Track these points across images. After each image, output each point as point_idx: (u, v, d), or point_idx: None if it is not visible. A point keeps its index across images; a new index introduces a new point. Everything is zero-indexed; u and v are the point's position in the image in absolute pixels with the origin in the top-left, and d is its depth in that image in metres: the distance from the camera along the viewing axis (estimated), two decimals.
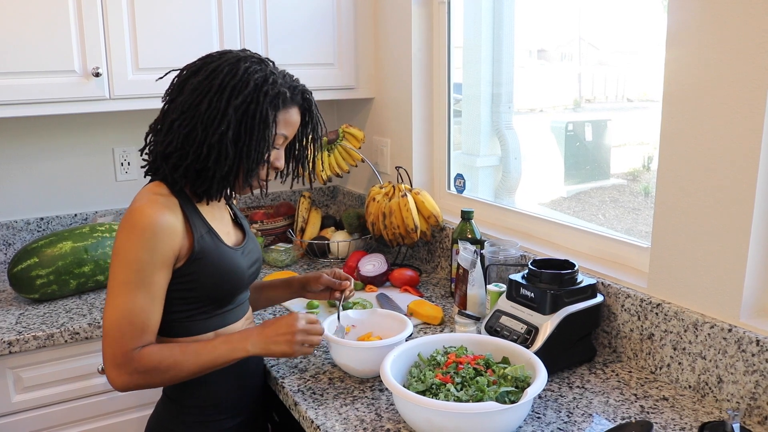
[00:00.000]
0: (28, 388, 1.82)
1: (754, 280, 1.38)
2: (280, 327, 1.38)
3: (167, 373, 1.30)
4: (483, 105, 2.42)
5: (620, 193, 2.08)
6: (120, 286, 1.27)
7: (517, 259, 1.85)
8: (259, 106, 1.32)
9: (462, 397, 1.26)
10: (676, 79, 1.44)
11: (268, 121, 1.33)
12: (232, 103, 1.30)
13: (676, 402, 1.43)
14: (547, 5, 2.24)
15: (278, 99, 1.34)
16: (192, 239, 1.34)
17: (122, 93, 2.10)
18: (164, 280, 1.31)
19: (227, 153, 1.31)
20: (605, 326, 1.67)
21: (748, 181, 1.32)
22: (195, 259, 1.34)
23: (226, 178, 1.35)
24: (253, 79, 1.32)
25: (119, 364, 1.27)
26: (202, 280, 1.36)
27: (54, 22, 1.98)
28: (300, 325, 1.38)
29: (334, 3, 2.44)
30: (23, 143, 2.36)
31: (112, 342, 1.28)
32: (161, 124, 1.36)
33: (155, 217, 1.28)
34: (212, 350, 1.33)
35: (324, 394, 1.48)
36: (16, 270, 1.93)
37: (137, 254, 1.26)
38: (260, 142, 1.33)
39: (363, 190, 2.78)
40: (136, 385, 1.30)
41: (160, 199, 1.32)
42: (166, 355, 1.29)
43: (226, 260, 1.40)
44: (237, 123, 1.31)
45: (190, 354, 1.31)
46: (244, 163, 1.33)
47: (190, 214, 1.36)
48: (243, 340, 1.36)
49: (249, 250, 1.51)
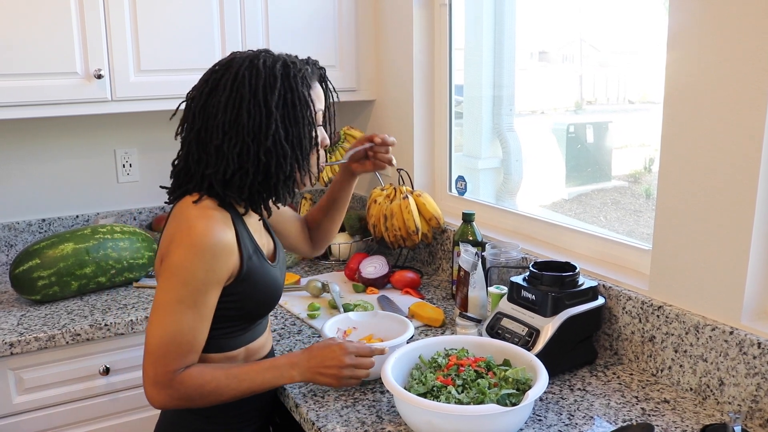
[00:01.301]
0: (29, 389, 1.83)
1: (755, 282, 1.38)
2: (326, 359, 1.35)
3: (208, 397, 1.28)
4: (484, 107, 2.42)
5: (621, 195, 2.07)
6: (172, 304, 1.23)
7: (518, 262, 1.85)
8: (296, 92, 1.28)
9: (463, 399, 1.26)
10: (676, 81, 1.44)
11: (308, 102, 1.30)
12: (271, 102, 1.26)
13: (678, 405, 1.43)
14: (548, 7, 2.24)
15: (306, 78, 1.32)
16: (242, 259, 1.30)
17: (124, 95, 2.10)
18: (215, 300, 1.27)
19: (285, 151, 1.27)
20: (606, 329, 1.67)
21: (749, 183, 1.32)
22: (242, 280, 1.31)
23: (290, 177, 1.31)
24: (277, 71, 1.28)
25: (161, 383, 1.24)
26: (247, 300, 1.34)
27: (56, 24, 1.98)
28: (348, 360, 1.35)
29: (336, 5, 2.44)
30: (25, 145, 2.36)
31: (155, 360, 1.24)
32: (200, 153, 1.29)
33: (217, 238, 1.23)
34: (256, 376, 1.31)
35: (325, 396, 1.47)
36: (18, 271, 1.93)
37: (195, 274, 1.22)
38: (306, 127, 1.30)
39: (364, 192, 2.78)
40: (175, 405, 1.28)
41: (216, 215, 1.27)
42: (208, 380, 1.27)
43: (270, 279, 1.38)
44: (282, 118, 1.27)
45: (232, 379, 1.29)
46: (300, 153, 1.30)
47: (240, 231, 1.31)
48: (290, 368, 1.34)
49: (281, 263, 1.48)
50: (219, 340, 1.35)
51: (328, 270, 2.37)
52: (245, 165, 1.26)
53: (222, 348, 1.36)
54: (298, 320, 1.92)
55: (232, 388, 1.29)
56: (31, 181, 2.39)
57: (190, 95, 1.33)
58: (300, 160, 1.30)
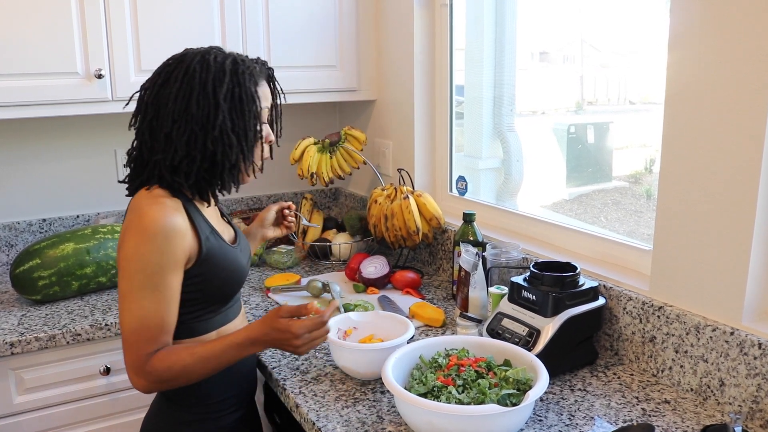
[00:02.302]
0: (29, 389, 1.83)
1: (756, 283, 1.38)
2: (282, 343, 1.33)
3: (179, 378, 1.31)
4: (485, 107, 2.42)
5: (622, 195, 2.07)
6: (134, 291, 1.28)
7: (519, 262, 1.85)
8: (243, 87, 1.35)
9: (463, 399, 1.26)
10: (677, 81, 1.44)
11: (254, 97, 1.36)
12: (219, 94, 1.32)
13: (678, 405, 1.43)
14: (548, 7, 2.24)
15: (254, 75, 1.38)
16: (199, 240, 1.35)
17: (124, 94, 2.10)
18: (177, 282, 1.32)
19: (231, 141, 1.34)
20: (607, 329, 1.67)
21: (750, 183, 1.32)
22: (203, 261, 1.35)
23: (235, 167, 1.37)
24: (226, 66, 1.35)
25: (137, 368, 1.29)
26: (210, 281, 1.37)
27: (57, 24, 1.98)
28: (302, 341, 1.33)
29: (336, 5, 2.44)
30: (25, 145, 2.36)
31: (129, 347, 1.29)
32: (152, 141, 1.35)
33: (166, 221, 1.28)
34: (221, 354, 1.32)
35: (325, 396, 1.48)
36: (18, 271, 1.93)
37: (150, 258, 1.27)
38: (252, 120, 1.36)
39: (365, 192, 2.78)
40: (156, 388, 1.32)
41: (167, 202, 1.32)
42: (174, 360, 1.29)
43: (230, 259, 1.42)
44: (229, 110, 1.34)
45: (197, 358, 1.31)
46: (245, 145, 1.36)
47: (194, 215, 1.37)
48: (250, 345, 1.33)
49: (243, 247, 1.54)
50: (190, 324, 1.39)
51: (328, 270, 2.37)
52: (192, 152, 1.32)
53: (194, 332, 1.40)
54: None
55: (199, 367, 1.31)
56: (31, 181, 2.39)
57: (144, 86, 1.39)
58: (245, 151, 1.37)
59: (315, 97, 2.48)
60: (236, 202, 2.77)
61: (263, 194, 2.84)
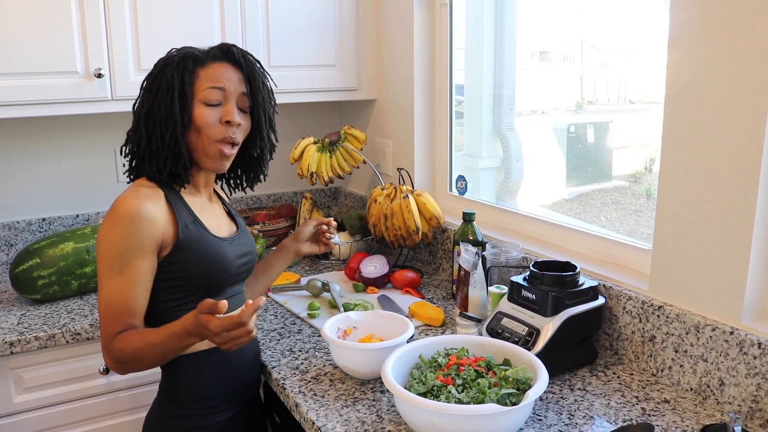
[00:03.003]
0: (29, 388, 1.83)
1: (755, 282, 1.38)
2: (203, 330, 1.23)
3: (132, 360, 1.31)
4: (485, 106, 2.42)
5: (622, 195, 2.07)
6: (103, 272, 1.33)
7: (519, 261, 1.85)
8: (165, 75, 1.38)
9: (463, 399, 1.26)
10: (677, 81, 1.44)
11: (173, 83, 1.37)
12: (145, 82, 1.42)
13: (678, 405, 1.43)
14: (548, 7, 2.24)
15: (186, 61, 1.39)
16: (176, 228, 1.38)
17: (124, 94, 2.10)
18: (146, 267, 1.35)
19: (155, 124, 1.38)
20: (607, 328, 1.67)
21: (749, 183, 1.32)
22: (179, 248, 1.38)
23: (178, 154, 1.39)
24: (162, 62, 1.42)
25: (104, 345, 1.34)
26: (187, 269, 1.39)
27: (56, 23, 1.98)
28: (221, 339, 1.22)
29: (336, 4, 2.44)
30: (25, 144, 2.36)
31: (102, 328, 1.34)
32: None
33: (135, 207, 1.33)
34: (166, 340, 1.28)
35: (325, 396, 1.47)
36: (18, 270, 1.93)
37: (116, 241, 1.32)
38: (169, 105, 1.37)
39: (365, 191, 2.78)
40: (120, 368, 1.34)
41: (143, 191, 1.38)
42: (128, 341, 1.31)
43: (212, 249, 1.43)
44: (150, 99, 1.39)
45: (146, 344, 1.29)
46: (169, 127, 1.37)
47: (175, 205, 1.41)
48: (188, 335, 1.26)
49: (240, 243, 1.53)
50: (174, 312, 1.40)
51: (328, 269, 2.37)
52: (140, 141, 1.41)
53: None
54: (298, 319, 1.92)
55: (148, 351, 1.30)
56: (31, 181, 2.39)
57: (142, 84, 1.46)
58: (176, 133, 1.38)
59: (315, 96, 2.48)
60: (236, 201, 2.77)
61: (263, 194, 2.84)
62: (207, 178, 1.52)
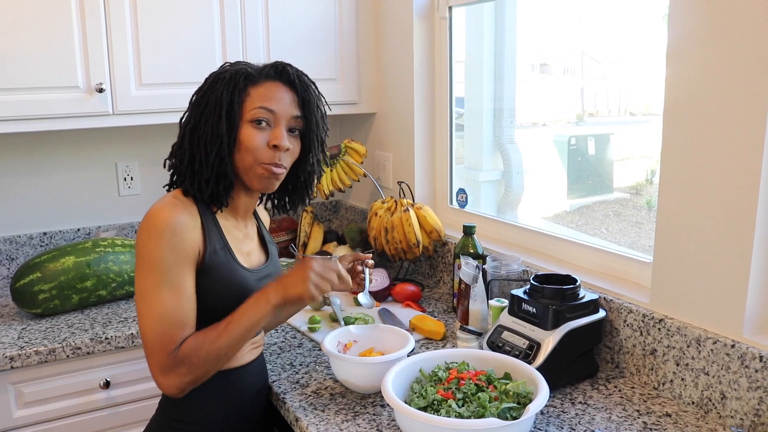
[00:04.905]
0: (29, 403, 1.82)
1: (757, 295, 1.37)
2: (295, 271, 1.34)
3: (209, 358, 1.29)
4: (485, 119, 2.42)
5: (623, 207, 2.08)
6: (150, 290, 1.27)
7: (519, 274, 1.85)
8: (215, 92, 1.34)
9: (463, 413, 1.25)
10: (676, 93, 1.44)
11: (222, 101, 1.32)
12: (193, 99, 1.38)
13: (680, 418, 1.42)
14: (548, 19, 2.25)
15: (237, 78, 1.34)
16: (205, 252, 1.34)
17: (125, 108, 2.11)
18: (191, 279, 1.31)
19: (199, 142, 1.33)
20: (607, 342, 1.67)
21: (749, 195, 1.32)
22: (203, 273, 1.34)
23: (223, 174, 1.34)
24: (213, 76, 1.37)
25: (167, 367, 1.27)
26: (207, 294, 1.35)
27: (57, 38, 1.99)
28: (316, 267, 1.34)
29: (336, 18, 2.45)
30: (26, 158, 2.37)
31: (153, 349, 1.28)
32: None
33: (173, 216, 1.29)
34: (240, 318, 1.31)
35: (325, 410, 1.47)
36: (19, 285, 1.94)
37: (162, 254, 1.27)
38: (216, 123, 1.32)
39: (365, 204, 2.79)
40: (189, 382, 1.29)
41: (177, 202, 1.33)
42: (201, 341, 1.29)
43: (235, 281, 1.38)
44: (198, 115, 1.35)
45: (222, 332, 1.30)
46: (214, 147, 1.32)
47: (208, 225, 1.36)
48: (264, 294, 1.33)
49: (265, 275, 1.48)
50: None
51: None
52: (176, 159, 1.38)
53: None
54: (298, 333, 1.91)
55: (224, 339, 1.29)
56: (32, 195, 2.39)
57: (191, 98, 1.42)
58: (222, 154, 1.33)
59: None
60: None
61: None
62: (247, 204, 1.46)
